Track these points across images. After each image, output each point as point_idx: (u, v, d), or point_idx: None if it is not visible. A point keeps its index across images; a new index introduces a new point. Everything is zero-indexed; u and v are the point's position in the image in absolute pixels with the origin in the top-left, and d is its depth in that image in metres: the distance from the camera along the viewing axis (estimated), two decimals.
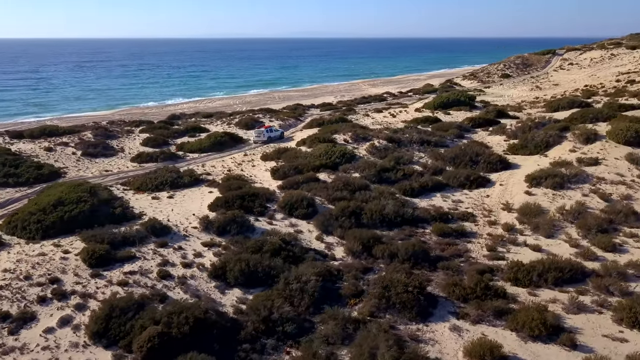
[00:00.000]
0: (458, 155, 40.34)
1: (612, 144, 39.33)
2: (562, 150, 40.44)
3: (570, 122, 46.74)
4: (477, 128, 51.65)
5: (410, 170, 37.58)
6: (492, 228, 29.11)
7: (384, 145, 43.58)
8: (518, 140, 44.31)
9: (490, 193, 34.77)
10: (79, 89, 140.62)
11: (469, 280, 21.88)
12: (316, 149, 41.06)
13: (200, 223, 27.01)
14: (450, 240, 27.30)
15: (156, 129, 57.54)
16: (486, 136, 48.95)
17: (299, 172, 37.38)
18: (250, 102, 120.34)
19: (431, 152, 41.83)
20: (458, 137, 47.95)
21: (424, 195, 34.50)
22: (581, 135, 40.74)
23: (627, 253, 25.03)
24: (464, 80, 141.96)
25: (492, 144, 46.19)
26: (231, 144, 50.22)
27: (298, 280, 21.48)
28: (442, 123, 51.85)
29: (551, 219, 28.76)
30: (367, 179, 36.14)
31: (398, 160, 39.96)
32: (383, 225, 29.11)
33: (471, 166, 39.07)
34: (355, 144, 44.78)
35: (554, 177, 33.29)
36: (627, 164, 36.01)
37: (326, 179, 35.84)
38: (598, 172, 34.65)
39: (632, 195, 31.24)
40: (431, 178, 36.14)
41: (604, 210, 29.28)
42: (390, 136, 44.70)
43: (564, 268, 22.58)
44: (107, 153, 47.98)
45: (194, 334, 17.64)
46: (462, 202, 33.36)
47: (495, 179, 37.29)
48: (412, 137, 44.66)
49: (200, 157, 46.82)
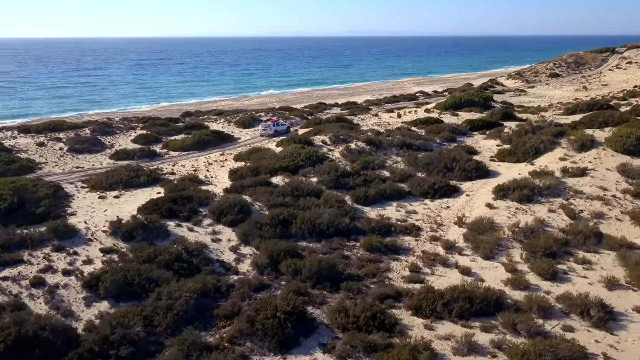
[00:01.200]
0: (433, 161, 36.81)
1: (609, 152, 34.56)
2: (551, 157, 36.02)
3: (574, 126, 41.86)
4: (476, 131, 47.45)
5: (373, 176, 34.53)
6: (432, 245, 25.81)
7: (360, 148, 40.63)
8: (509, 146, 40.07)
9: (453, 204, 31.21)
10: (133, 86, 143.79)
11: (358, 307, 19.03)
12: (283, 151, 38.75)
13: (110, 227, 25.50)
14: (376, 257, 24.33)
15: (156, 126, 57.13)
16: (481, 140, 44.78)
17: (256, 174, 35.30)
18: (287, 100, 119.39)
19: (408, 157, 38.48)
20: (449, 140, 44.16)
21: (378, 203, 31.45)
22: (575, 142, 36.12)
23: (567, 282, 21.20)
24: (508, 80, 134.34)
25: (483, 149, 42.12)
26: (216, 143, 48.76)
27: (169, 297, 19.48)
28: (438, 125, 48.03)
29: (498, 237, 25.09)
30: (324, 184, 33.51)
31: (367, 164, 36.99)
32: (313, 237, 26.49)
33: (445, 174, 35.49)
34: (333, 145, 42.07)
35: (522, 190, 29.31)
36: (616, 175, 31.37)
37: (279, 183, 33.51)
38: (579, 185, 30.30)
39: (605, 213, 26.89)
40: (392, 185, 32.96)
41: (564, 230, 25.27)
42: (371, 138, 41.64)
43: (475, 298, 19.22)
44: (94, 149, 47.79)
45: (10, 353, 16.00)
46: (416, 213, 30.07)
47: (466, 188, 33.59)
48: (392, 140, 41.40)
49: (180, 155, 45.68)
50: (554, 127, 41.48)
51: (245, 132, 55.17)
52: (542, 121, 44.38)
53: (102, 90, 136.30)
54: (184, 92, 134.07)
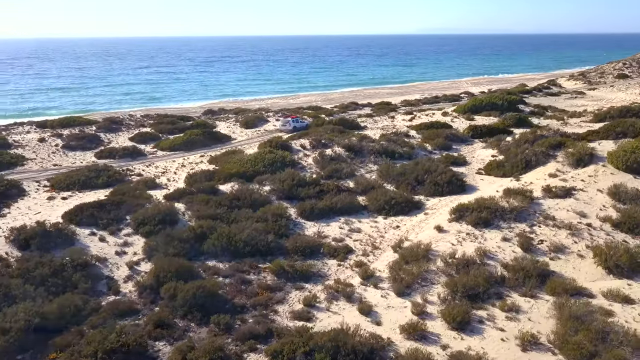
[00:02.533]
0: (407, 171, 32.76)
1: (608, 170, 29.10)
2: (540, 173, 30.93)
3: (586, 136, 36.09)
4: (478, 138, 42.37)
5: (331, 187, 31.06)
6: (350, 272, 22.23)
7: (337, 154, 37.16)
8: (502, 157, 35.10)
9: (405, 224, 27.23)
10: (194, 84, 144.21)
11: (199, 350, 16.07)
12: (250, 155, 36.04)
13: (10, 233, 24.00)
14: (279, 284, 21.16)
15: (162, 124, 56.29)
16: (479, 149, 39.83)
17: (210, 179, 32.91)
18: (333, 99, 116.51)
19: (381, 167, 34.63)
20: (443, 148, 39.61)
21: (325, 218, 28.07)
22: (571, 156, 30.78)
23: (476, 335, 17.05)
24: (569, 81, 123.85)
25: (476, 159, 37.33)
26: (206, 143, 46.81)
27: (8, 319, 17.49)
28: (436, 131, 43.36)
29: (426, 269, 21.07)
30: (275, 194, 30.54)
31: (335, 173, 33.58)
32: (226, 255, 23.72)
33: (414, 187, 31.40)
34: (312, 150, 38.84)
35: (481, 212, 24.88)
36: (605, 199, 26.10)
37: (227, 190, 30.86)
38: (555, 208, 25.40)
39: (567, 247, 22.05)
40: (345, 198, 29.37)
41: (506, 265, 20.85)
42: (350, 144, 38.02)
43: (342, 350, 15.71)
44: (88, 147, 47.28)
45: None
46: (359, 232, 26.44)
47: (430, 205, 29.40)
48: (373, 147, 37.57)
49: (165, 155, 44.18)
50: (559, 136, 35.85)
51: (246, 133, 52.96)
52: (547, 129, 38.64)
53: (165, 86, 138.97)
54: (240, 90, 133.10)
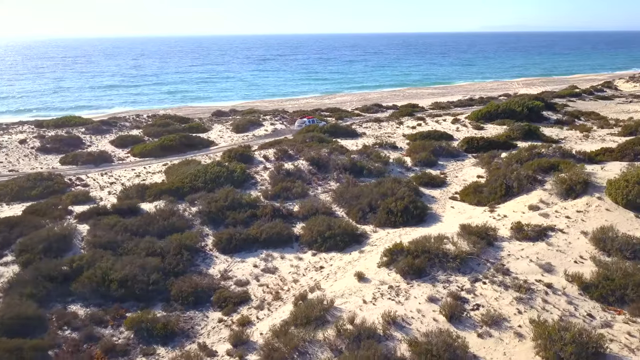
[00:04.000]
0: (362, 194, 27.27)
1: (604, 204, 22.51)
2: (521, 203, 24.60)
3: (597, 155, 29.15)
4: (474, 152, 35.81)
5: (267, 211, 26.11)
6: (227, 333, 17.33)
7: (297, 169, 32.09)
8: (487, 178, 28.78)
9: (333, 264, 21.94)
10: (238, 83, 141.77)
11: None
12: (194, 168, 31.59)
13: None
14: (128, 346, 16.65)
15: (154, 127, 53.23)
16: (467, 166, 33.46)
17: (142, 195, 28.86)
18: (369, 99, 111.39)
19: (340, 187, 29.27)
20: (426, 164, 33.58)
21: (245, 250, 23.29)
22: (561, 184, 24.23)
23: None
24: (627, 83, 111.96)
25: (458, 179, 31.12)
26: (182, 149, 42.98)
27: None
28: (423, 143, 37.17)
29: (307, 339, 15.83)
30: (201, 217, 26.02)
31: (281, 192, 28.60)
32: (95, 298, 19.49)
33: (365, 214, 25.93)
34: (275, 162, 33.93)
35: (417, 256, 19.23)
36: (587, 246, 19.72)
37: (150, 210, 26.62)
38: (517, 256, 19.34)
39: (507, 319, 16.01)
40: (273, 227, 24.37)
41: (416, 342, 15.23)
42: (315, 157, 32.82)
43: None
44: (65, 150, 44.65)
45: None
46: (274, 273, 21.46)
47: (373, 240, 23.88)
48: (340, 161, 32.19)
49: (134, 162, 40.71)
50: (558, 156, 28.99)
51: (232, 138, 48.82)
52: (547, 147, 31.51)
53: (212, 84, 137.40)
54: (282, 90, 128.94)
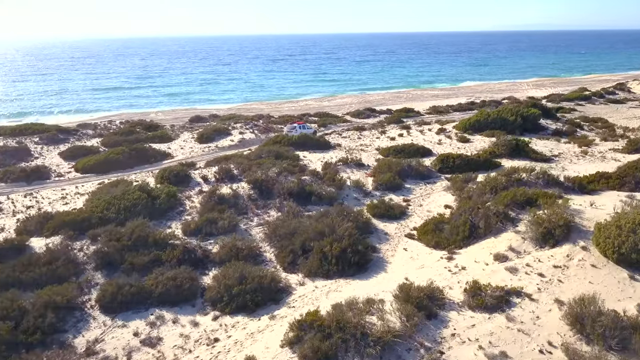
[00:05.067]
0: (298, 230, 22.07)
1: (589, 258, 17.13)
2: (487, 250, 19.24)
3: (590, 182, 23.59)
4: (450, 172, 30.32)
5: (175, 254, 21.04)
6: None
7: (235, 193, 26.97)
8: (455, 209, 23.33)
9: (232, 334, 16.79)
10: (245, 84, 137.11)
11: None
12: (108, 195, 26.61)
13: None
14: None
15: (117, 135, 48.63)
16: (437, 192, 28.00)
17: (42, 228, 24.06)
18: (371, 101, 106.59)
19: (274, 222, 24.11)
20: (390, 188, 28.22)
21: (134, 309, 18.25)
22: (538, 226, 18.77)
23: None
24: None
25: (422, 210, 25.70)
26: (129, 164, 38.18)
27: None
28: (391, 160, 31.76)
29: None
30: (96, 260, 21.06)
31: (204, 226, 23.54)
32: None
33: (295, 258, 20.77)
34: (212, 184, 28.88)
35: (327, 337, 14.02)
36: (559, 327, 14.36)
37: (40, 249, 21.76)
38: (462, 339, 14.08)
39: None
40: (171, 277, 19.24)
41: None
42: (259, 180, 27.67)
43: None
44: (5, 163, 40.21)
45: None
46: (154, 347, 16.40)
47: (297, 296, 18.73)
48: (285, 186, 27.01)
49: (73, 179, 35.98)
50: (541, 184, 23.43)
51: (193, 148, 43.93)
52: (529, 171, 25.58)
53: (215, 86, 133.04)
54: (282, 91, 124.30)
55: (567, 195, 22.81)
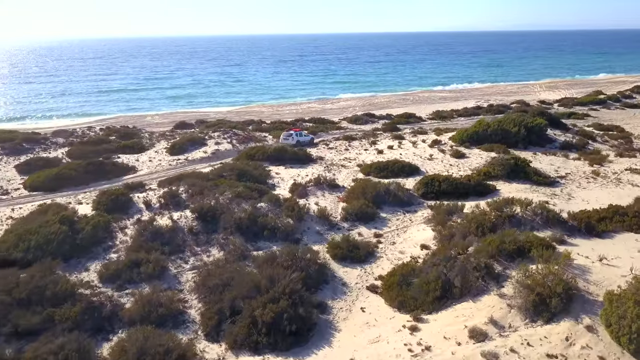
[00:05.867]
0: (231, 282, 17.56)
1: (597, 343, 12.32)
2: (462, 319, 14.58)
3: (604, 222, 18.71)
4: (434, 199, 25.50)
5: (72, 314, 16.67)
6: None
7: (174, 226, 22.55)
8: (427, 254, 18.59)
9: None
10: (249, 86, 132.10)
11: None
12: (24, 228, 22.31)
13: None
14: None
15: (87, 145, 44.62)
16: (416, 224, 23.24)
17: None
18: (376, 103, 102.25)
19: (207, 269, 19.62)
20: (361, 218, 23.55)
21: None
22: (529, 292, 13.98)
23: None
24: None
25: (393, 250, 20.96)
26: (85, 180, 33.97)
27: None
28: (369, 183, 27.03)
29: None
30: None
31: (124, 271, 19.15)
32: None
33: (219, 323, 16.25)
34: (155, 211, 24.49)
35: None
36: None
37: None
38: None
39: None
40: (61, 346, 14.93)
41: None
42: (205, 208, 23.21)
43: None
44: None
45: None
46: None
47: None
48: (234, 217, 22.51)
49: (11, 200, 31.83)
50: (539, 223, 18.58)
51: (162, 161, 39.67)
52: (526, 205, 20.55)
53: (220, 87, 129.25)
54: (287, 93, 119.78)
55: (571, 238, 18.02)
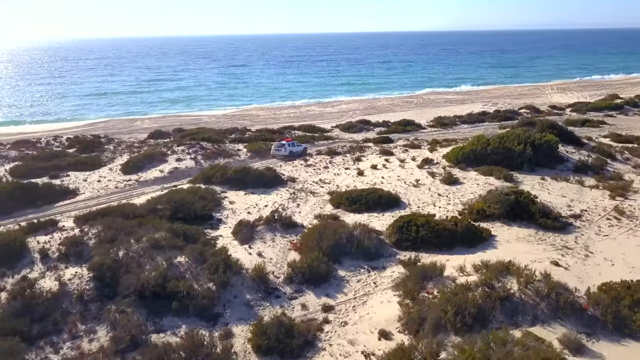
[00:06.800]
0: None
1: None
2: None
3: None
4: (412, 250, 19.45)
5: None
6: None
7: (61, 290, 16.81)
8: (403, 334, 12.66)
9: None
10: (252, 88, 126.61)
11: None
12: None
13: None
14: None
15: (36, 160, 39.18)
16: (381, 290, 17.24)
17: None
18: (378, 107, 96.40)
19: (106, 346, 13.87)
20: (309, 280, 17.60)
21: None
22: None
23: None
24: None
25: (343, 335, 14.92)
26: (8, 209, 28.44)
27: None
28: (333, 228, 21.00)
29: None
30: None
31: None
32: None
33: None
34: (50, 264, 18.80)
35: None
36: None
37: None
38: None
39: None
40: None
41: None
42: (104, 266, 17.44)
43: None
44: None
45: None
46: None
47: None
48: (139, 279, 16.71)
49: None
50: (545, 310, 12.60)
51: (112, 181, 34.00)
52: (527, 281, 14.72)
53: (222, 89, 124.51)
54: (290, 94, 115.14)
55: (593, 340, 11.93)
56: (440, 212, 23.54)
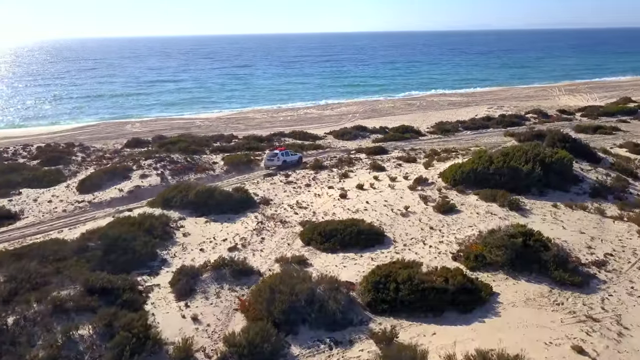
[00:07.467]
0: None
1: None
2: None
3: None
4: (390, 314, 15.01)
5: None
6: None
7: None
8: None
9: None
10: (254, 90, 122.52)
11: None
12: None
13: None
14: None
15: None
16: None
17: None
18: (379, 110, 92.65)
19: None
20: None
21: None
22: None
23: None
24: None
25: None
26: None
27: None
28: (290, 285, 16.63)
29: None
30: None
31: None
32: None
33: None
34: None
35: None
36: None
37: None
38: None
39: None
40: None
41: None
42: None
43: None
44: None
45: None
46: None
47: None
48: (28, 357, 12.38)
49: None
50: None
51: (65, 201, 29.81)
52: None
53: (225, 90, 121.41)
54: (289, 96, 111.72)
55: None
56: (431, 254, 19.03)
